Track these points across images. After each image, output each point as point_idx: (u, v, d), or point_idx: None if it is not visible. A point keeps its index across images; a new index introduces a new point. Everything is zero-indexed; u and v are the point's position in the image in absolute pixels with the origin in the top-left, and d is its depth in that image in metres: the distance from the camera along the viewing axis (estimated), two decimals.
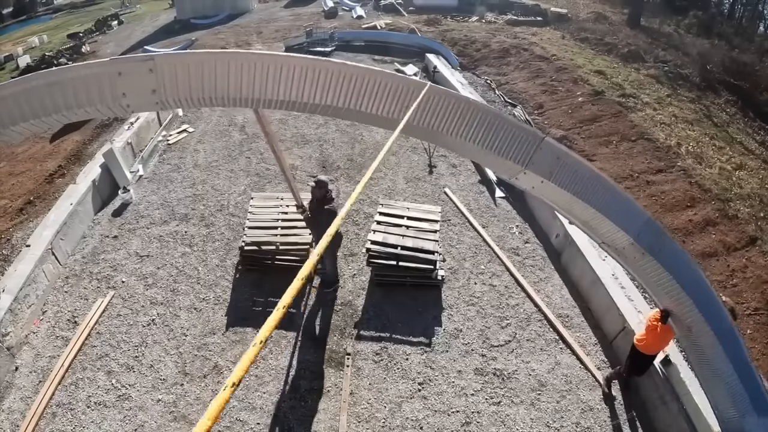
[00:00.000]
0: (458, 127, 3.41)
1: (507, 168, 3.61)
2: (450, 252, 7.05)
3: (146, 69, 2.92)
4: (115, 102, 2.98)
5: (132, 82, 2.93)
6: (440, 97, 3.36)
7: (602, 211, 3.63)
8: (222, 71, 3.05)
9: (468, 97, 3.74)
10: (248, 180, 8.55)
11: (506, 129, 3.41)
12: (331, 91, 3.27)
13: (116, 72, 2.90)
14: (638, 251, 3.77)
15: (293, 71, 3.16)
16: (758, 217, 8.18)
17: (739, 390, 3.76)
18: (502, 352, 5.69)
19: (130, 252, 6.92)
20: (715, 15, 27.00)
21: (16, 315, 5.59)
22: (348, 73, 3.25)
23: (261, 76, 3.14)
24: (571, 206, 3.76)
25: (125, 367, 5.35)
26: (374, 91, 3.31)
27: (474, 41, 16.67)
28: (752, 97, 16.80)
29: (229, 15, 22.79)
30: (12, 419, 4.84)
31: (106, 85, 2.91)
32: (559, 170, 3.51)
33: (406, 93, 3.31)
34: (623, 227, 3.67)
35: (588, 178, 3.60)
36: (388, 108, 3.35)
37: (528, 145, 3.44)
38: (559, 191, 3.58)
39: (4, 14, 31.30)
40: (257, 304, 6.10)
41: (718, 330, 3.81)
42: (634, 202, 3.96)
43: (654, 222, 3.87)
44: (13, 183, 9.05)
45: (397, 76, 3.37)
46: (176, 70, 2.96)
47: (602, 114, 11.32)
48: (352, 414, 5.00)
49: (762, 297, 6.46)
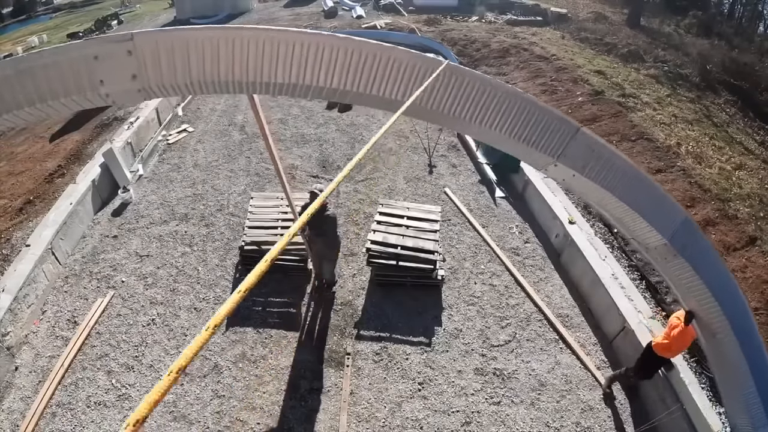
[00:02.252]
0: (481, 113, 3.03)
1: (536, 159, 3.30)
2: (450, 252, 7.05)
3: (124, 51, 2.56)
4: (93, 92, 2.65)
5: (109, 66, 2.58)
6: (462, 77, 2.93)
7: (636, 208, 3.37)
8: (211, 50, 2.69)
9: (494, 78, 3.35)
10: (248, 180, 8.54)
11: (537, 117, 3.07)
12: (337, 71, 2.86)
13: (92, 55, 2.54)
14: (670, 252, 3.54)
15: (292, 48, 2.77)
16: (758, 217, 8.17)
17: (756, 401, 3.64)
18: (502, 351, 5.69)
19: (129, 252, 6.91)
20: (715, 15, 27.00)
21: (16, 315, 5.59)
22: (355, 50, 2.84)
23: (256, 56, 2.76)
24: (603, 201, 3.50)
25: (125, 367, 5.35)
26: (386, 71, 2.90)
27: (474, 41, 16.67)
28: (752, 97, 16.80)
29: (228, 15, 22.77)
30: (12, 419, 4.84)
31: (82, 72, 2.56)
32: (594, 163, 3.22)
33: (422, 72, 2.90)
34: (658, 227, 3.43)
35: (623, 173, 3.31)
36: (402, 90, 2.95)
37: (561, 136, 3.12)
38: (591, 185, 3.31)
39: (4, 14, 31.28)
40: (257, 304, 6.10)
41: (743, 339, 3.65)
42: (671, 199, 3.68)
43: (690, 222, 3.63)
44: (13, 183, 9.03)
45: (412, 53, 2.93)
46: (159, 50, 2.61)
47: (602, 114, 11.32)
48: (352, 414, 5.00)
49: (762, 297, 6.45)
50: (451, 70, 2.92)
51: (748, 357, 3.64)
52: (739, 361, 3.66)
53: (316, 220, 5.29)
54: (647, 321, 5.44)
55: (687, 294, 3.86)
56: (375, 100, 3.04)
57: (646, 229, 3.48)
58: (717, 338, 3.79)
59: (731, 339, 3.66)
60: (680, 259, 3.54)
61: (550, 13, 21.35)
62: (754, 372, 3.63)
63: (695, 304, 3.87)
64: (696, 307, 3.90)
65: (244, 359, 5.48)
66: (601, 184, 3.27)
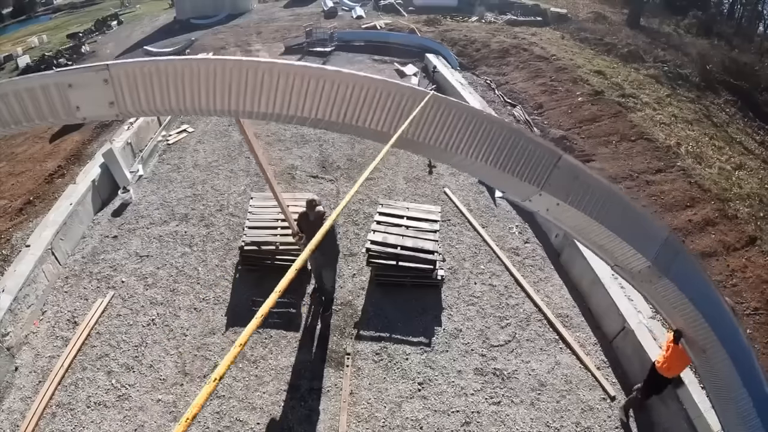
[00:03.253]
0: (467, 144, 2.98)
1: (521, 189, 3.22)
2: (450, 252, 7.05)
3: (100, 80, 2.55)
4: (69, 116, 2.66)
5: (85, 94, 2.58)
6: (445, 107, 2.92)
7: (619, 232, 3.30)
8: (191, 81, 2.65)
9: (478, 108, 3.31)
10: (248, 180, 8.55)
11: (522, 146, 3.02)
12: (321, 102, 2.84)
13: (66, 83, 2.54)
14: (655, 274, 3.45)
15: (276, 79, 2.75)
16: (758, 216, 8.17)
17: (753, 414, 3.59)
18: (502, 351, 5.69)
19: (129, 252, 6.91)
20: (715, 15, 27.00)
21: (16, 315, 5.59)
22: (340, 82, 2.82)
23: (239, 86, 2.74)
24: (586, 229, 3.41)
25: (125, 367, 5.35)
26: (371, 101, 2.88)
27: (474, 41, 16.67)
28: (752, 97, 16.81)
29: (228, 15, 22.76)
30: (12, 419, 4.84)
31: (56, 99, 2.56)
32: (577, 189, 3.15)
33: (408, 103, 2.89)
34: (641, 249, 3.35)
35: (604, 196, 3.25)
36: (387, 121, 2.94)
37: (545, 164, 3.05)
38: (575, 213, 3.24)
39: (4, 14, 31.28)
40: (257, 304, 6.10)
41: (733, 352, 3.60)
42: (651, 220, 3.62)
43: (673, 240, 3.55)
44: (13, 183, 9.04)
45: (395, 83, 2.96)
46: (136, 80, 2.59)
47: (602, 114, 11.32)
48: (352, 414, 5.00)
49: (762, 297, 6.45)
50: (437, 100, 2.91)
51: (739, 368, 3.60)
52: (731, 374, 3.61)
53: (313, 231, 5.10)
54: (647, 321, 5.44)
55: (673, 313, 3.80)
56: (361, 131, 3.03)
57: (630, 253, 3.40)
58: (707, 354, 3.74)
59: (722, 353, 3.62)
60: (665, 280, 3.47)
61: (549, 13, 21.35)
62: (746, 383, 3.58)
63: (682, 323, 3.81)
64: (683, 325, 3.84)
65: (244, 359, 5.48)
66: (584, 210, 3.22)
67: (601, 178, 3.44)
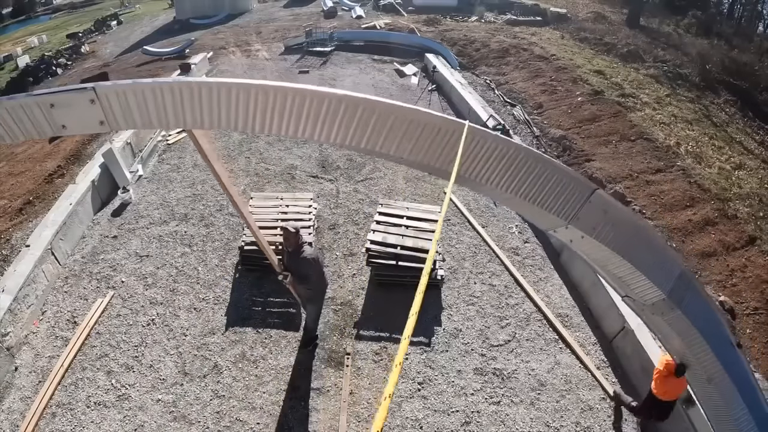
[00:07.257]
0: (498, 175, 2.85)
1: (547, 221, 3.11)
2: (450, 252, 7.05)
3: (86, 100, 2.50)
4: (56, 132, 2.61)
5: (71, 114, 2.53)
6: (483, 140, 2.79)
7: (639, 265, 3.20)
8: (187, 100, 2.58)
9: (512, 140, 3.12)
10: (248, 180, 8.55)
11: (556, 179, 2.89)
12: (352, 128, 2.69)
13: (48, 104, 2.48)
14: (668, 306, 3.36)
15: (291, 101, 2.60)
16: (757, 216, 8.18)
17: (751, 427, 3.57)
18: (502, 351, 5.69)
19: (129, 252, 6.91)
20: (715, 15, 27.02)
21: (16, 315, 5.59)
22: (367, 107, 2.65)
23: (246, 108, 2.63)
24: (607, 262, 3.31)
25: (125, 367, 5.35)
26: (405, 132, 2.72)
27: (473, 41, 16.68)
28: (752, 97, 16.82)
29: (228, 15, 22.79)
30: (12, 419, 4.84)
31: (40, 118, 2.51)
32: (604, 225, 3.04)
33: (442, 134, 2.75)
34: (657, 282, 3.26)
35: (632, 233, 3.15)
36: (426, 153, 2.77)
37: (576, 198, 2.94)
38: (598, 247, 3.14)
39: (4, 14, 31.29)
40: (257, 304, 6.10)
41: (737, 380, 3.57)
42: (671, 250, 3.52)
43: (687, 273, 3.49)
44: (13, 183, 9.03)
45: (430, 114, 2.76)
46: (127, 99, 2.52)
47: (601, 114, 11.32)
48: (352, 414, 5.00)
49: (761, 296, 6.46)
50: (473, 132, 2.77)
51: (743, 394, 3.58)
52: (735, 400, 3.59)
53: (294, 264, 4.80)
54: None
55: (682, 345, 3.71)
56: (387, 156, 2.90)
57: (647, 285, 3.30)
58: (712, 383, 3.68)
59: (727, 382, 3.57)
60: (677, 312, 3.39)
61: (549, 13, 21.37)
62: (750, 407, 3.57)
63: (688, 354, 3.74)
64: (688, 356, 3.77)
65: (244, 359, 5.48)
66: (609, 244, 3.11)
67: (630, 211, 3.34)
